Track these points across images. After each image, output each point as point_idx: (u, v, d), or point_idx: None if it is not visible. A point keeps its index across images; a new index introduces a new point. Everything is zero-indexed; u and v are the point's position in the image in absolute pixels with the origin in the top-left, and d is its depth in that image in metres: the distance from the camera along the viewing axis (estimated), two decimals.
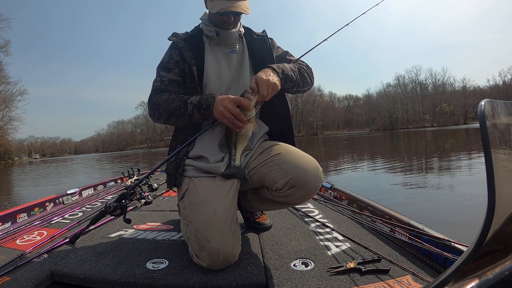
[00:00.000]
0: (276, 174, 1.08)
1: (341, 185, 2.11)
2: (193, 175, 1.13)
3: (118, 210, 1.24)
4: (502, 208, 0.29)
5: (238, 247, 1.05)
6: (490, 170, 0.28)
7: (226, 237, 0.99)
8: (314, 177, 1.07)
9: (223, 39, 1.20)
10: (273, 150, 1.16)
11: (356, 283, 0.90)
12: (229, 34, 1.20)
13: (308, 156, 1.13)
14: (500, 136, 0.32)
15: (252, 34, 1.29)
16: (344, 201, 1.85)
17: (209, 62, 1.20)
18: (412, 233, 1.14)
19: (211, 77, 1.19)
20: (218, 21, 1.17)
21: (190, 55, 1.18)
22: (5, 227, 1.62)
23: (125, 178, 3.09)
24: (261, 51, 1.25)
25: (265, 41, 1.28)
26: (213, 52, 1.22)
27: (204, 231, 1.00)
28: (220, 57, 1.21)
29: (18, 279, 0.98)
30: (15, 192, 7.96)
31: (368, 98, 75.00)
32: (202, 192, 1.07)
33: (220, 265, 0.99)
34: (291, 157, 1.10)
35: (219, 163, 1.13)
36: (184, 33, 1.26)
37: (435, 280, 0.30)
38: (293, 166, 1.07)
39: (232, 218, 1.05)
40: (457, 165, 6.12)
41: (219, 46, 1.22)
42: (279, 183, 1.07)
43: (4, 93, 35.10)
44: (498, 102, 0.34)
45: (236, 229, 1.06)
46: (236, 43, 1.23)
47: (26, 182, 10.67)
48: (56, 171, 15.50)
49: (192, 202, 1.07)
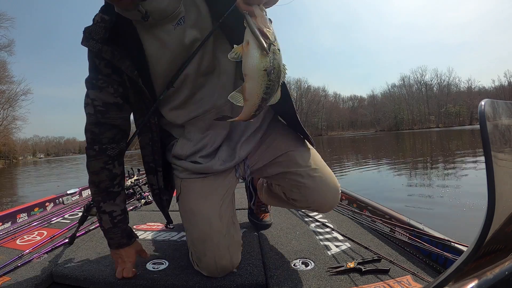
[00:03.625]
0: (296, 196, 1.03)
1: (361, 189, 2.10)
2: (183, 177, 1.01)
3: (93, 209, 1.22)
4: (502, 208, 0.29)
5: (237, 256, 1.00)
6: (490, 171, 0.28)
7: (222, 249, 0.95)
8: (333, 204, 1.05)
9: (158, 16, 0.79)
10: (293, 158, 1.00)
11: (356, 283, 0.90)
12: (162, 3, 0.78)
13: (330, 177, 1.01)
14: (500, 136, 0.32)
15: None
16: (344, 201, 1.85)
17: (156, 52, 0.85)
18: (412, 233, 1.14)
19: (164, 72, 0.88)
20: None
21: (128, 64, 0.83)
22: (5, 227, 1.62)
23: (125, 178, 3.09)
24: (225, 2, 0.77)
25: None
26: (154, 35, 0.83)
27: (199, 244, 0.96)
28: (165, 38, 0.83)
29: (18, 279, 0.98)
30: (19, 193, 7.97)
31: (373, 99, 75.14)
32: (194, 200, 0.98)
33: (220, 274, 0.98)
34: (312, 183, 0.98)
35: (212, 160, 0.97)
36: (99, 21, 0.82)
37: (435, 280, 0.30)
38: (314, 195, 0.99)
39: (228, 226, 0.98)
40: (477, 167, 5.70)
41: (159, 26, 0.82)
42: (297, 204, 1.07)
43: (8, 93, 35.24)
44: (499, 103, 0.34)
45: (234, 235, 1.00)
46: (177, 6, 0.80)
47: (30, 181, 10.66)
48: (61, 172, 15.49)
49: (185, 210, 1.00)
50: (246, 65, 0.66)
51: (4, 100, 34.36)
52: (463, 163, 6.42)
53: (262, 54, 0.64)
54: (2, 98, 34.17)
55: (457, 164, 6.32)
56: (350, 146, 18.25)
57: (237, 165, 1.03)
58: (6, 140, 36.14)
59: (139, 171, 3.30)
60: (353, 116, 76.10)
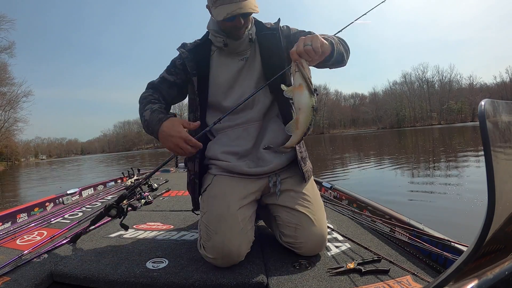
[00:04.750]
0: (288, 232, 1.09)
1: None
2: (215, 173, 1.16)
3: (113, 211, 1.25)
4: (502, 208, 0.29)
5: (245, 246, 1.04)
6: (490, 170, 0.28)
7: (234, 232, 1.01)
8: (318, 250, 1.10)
9: (232, 49, 1.16)
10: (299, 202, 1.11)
11: (356, 283, 0.90)
12: (237, 44, 1.15)
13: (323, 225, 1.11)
14: (500, 136, 0.32)
15: (263, 30, 1.20)
16: (344, 201, 1.85)
17: (215, 72, 1.17)
18: (412, 233, 1.14)
19: (219, 88, 1.17)
20: (228, 27, 1.10)
21: (191, 65, 1.16)
22: (5, 227, 1.62)
23: (125, 178, 3.09)
24: (270, 48, 1.17)
25: (274, 35, 1.17)
26: (222, 62, 1.18)
27: (214, 222, 1.03)
28: (230, 65, 1.18)
29: (18, 279, 0.98)
30: (21, 193, 7.97)
31: (374, 97, 74.98)
32: (221, 187, 1.11)
33: (223, 261, 0.99)
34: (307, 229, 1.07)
35: (240, 162, 1.13)
36: (193, 42, 1.23)
37: (435, 280, 0.30)
38: (306, 239, 1.06)
39: (245, 220, 1.05)
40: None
41: (230, 54, 1.18)
42: (285, 240, 1.11)
43: (9, 94, 35.25)
44: (499, 102, 0.34)
45: (248, 229, 1.06)
46: (247, 49, 1.18)
47: (31, 185, 10.65)
48: (61, 173, 15.47)
49: (210, 195, 1.11)
50: (300, 102, 0.92)
51: (5, 102, 34.41)
52: (465, 161, 6.42)
53: (311, 95, 0.91)
54: (3, 100, 34.22)
55: (459, 163, 6.32)
56: (352, 144, 18.25)
57: (271, 176, 1.15)
58: (7, 142, 36.22)
59: (139, 171, 3.30)
60: (355, 114, 75.96)
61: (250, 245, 1.07)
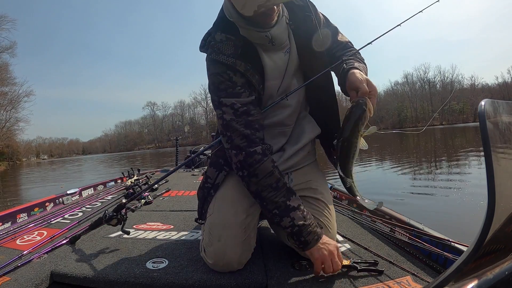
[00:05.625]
0: None
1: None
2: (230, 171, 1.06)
3: (114, 220, 1.25)
4: (502, 208, 0.29)
5: (246, 255, 1.01)
6: (490, 170, 0.28)
7: (237, 241, 0.98)
8: None
9: (278, 43, 0.99)
10: (317, 209, 1.08)
11: (356, 284, 0.90)
12: (280, 34, 0.98)
13: (335, 230, 1.11)
14: (500, 136, 0.32)
15: (294, 11, 1.03)
16: (344, 201, 1.85)
17: (270, 72, 1.02)
18: (412, 233, 1.14)
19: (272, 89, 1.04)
20: (258, 19, 0.92)
21: (258, 80, 0.98)
22: (5, 227, 1.62)
23: (125, 178, 3.09)
24: (307, 36, 1.02)
25: (309, 17, 1.02)
26: (270, 57, 1.01)
27: (219, 228, 0.99)
28: (279, 63, 1.03)
29: (18, 279, 0.98)
30: (22, 194, 7.97)
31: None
32: (232, 191, 1.03)
33: (222, 268, 0.98)
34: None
35: None
36: (224, 40, 0.96)
37: (435, 280, 0.30)
38: None
39: (249, 225, 1.02)
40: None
41: (274, 50, 1.01)
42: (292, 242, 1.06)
43: (11, 94, 35.33)
44: (500, 102, 0.34)
45: (250, 237, 1.03)
46: (286, 38, 1.02)
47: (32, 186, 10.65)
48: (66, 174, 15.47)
49: (220, 197, 1.05)
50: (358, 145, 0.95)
51: (6, 102, 34.49)
52: (467, 161, 6.42)
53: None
54: (5, 100, 34.30)
55: (461, 164, 6.32)
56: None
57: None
58: (9, 142, 36.22)
59: (139, 171, 3.30)
60: None
61: (251, 252, 1.04)
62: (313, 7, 1.06)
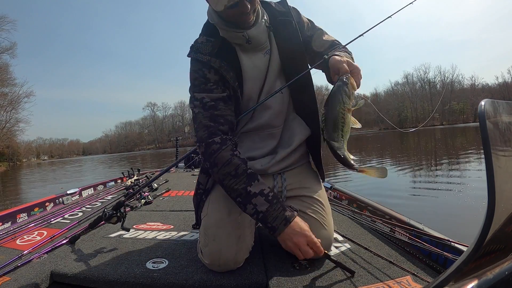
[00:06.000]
0: None
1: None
2: None
3: (114, 218, 1.26)
4: (502, 208, 0.29)
5: (243, 253, 1.00)
6: (490, 170, 0.28)
7: (232, 240, 0.98)
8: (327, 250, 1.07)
9: (255, 43, 1.03)
10: (310, 207, 1.09)
11: (356, 284, 0.90)
12: (258, 35, 1.02)
13: (331, 227, 1.10)
14: (500, 136, 0.32)
15: (275, 15, 1.08)
16: (344, 201, 1.85)
17: (249, 72, 1.05)
18: (412, 233, 1.14)
19: (252, 90, 1.06)
20: (233, 16, 0.96)
21: (232, 76, 1.01)
22: (5, 227, 1.63)
23: (125, 178, 3.09)
24: (288, 39, 1.06)
25: (289, 22, 1.07)
26: (249, 58, 1.05)
27: (213, 228, 1.00)
28: (258, 64, 1.06)
29: (18, 279, 0.98)
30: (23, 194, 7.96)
31: (376, 97, 74.89)
32: (223, 190, 1.03)
33: (219, 268, 0.98)
34: (317, 233, 0.99)
35: (254, 162, 1.08)
36: (204, 41, 1.03)
37: (435, 280, 0.30)
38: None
39: (244, 224, 1.01)
40: None
41: (253, 50, 1.05)
42: None
43: (11, 95, 35.32)
44: (500, 102, 0.34)
45: (246, 235, 1.02)
46: (267, 40, 1.06)
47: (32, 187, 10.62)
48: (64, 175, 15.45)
49: (213, 199, 1.07)
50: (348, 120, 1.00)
51: (6, 102, 34.50)
52: (468, 162, 6.42)
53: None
54: (5, 101, 34.29)
55: (461, 164, 6.32)
56: (354, 144, 18.22)
57: (276, 178, 1.12)
58: (9, 143, 36.24)
59: (139, 171, 3.30)
60: (356, 114, 75.35)
61: (249, 250, 1.04)
62: (295, 13, 1.12)
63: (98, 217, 1.31)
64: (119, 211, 1.27)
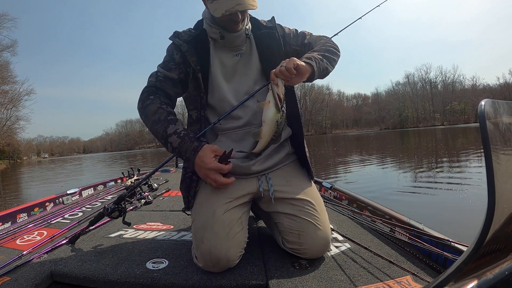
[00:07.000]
0: (292, 239, 1.07)
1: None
2: None
3: (116, 213, 1.26)
4: (502, 208, 0.29)
5: (234, 251, 1.00)
6: (490, 170, 0.28)
7: (220, 238, 0.98)
8: (323, 253, 1.09)
9: (228, 42, 1.13)
10: (301, 209, 1.08)
11: (356, 283, 0.90)
12: (234, 37, 1.12)
13: (327, 227, 1.09)
14: (500, 136, 0.32)
15: (260, 28, 1.19)
16: (344, 201, 1.85)
17: (215, 66, 1.13)
18: (412, 233, 1.14)
19: (217, 83, 1.13)
20: (224, 22, 1.08)
21: (194, 60, 1.10)
22: (5, 227, 1.62)
23: (125, 178, 3.09)
24: (270, 46, 1.16)
25: (273, 34, 1.17)
26: (218, 55, 1.14)
27: (200, 231, 1.02)
28: (225, 60, 1.14)
29: (18, 279, 0.98)
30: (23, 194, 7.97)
31: (377, 97, 74.70)
32: (207, 193, 1.09)
33: (214, 268, 0.98)
34: (312, 234, 1.05)
35: (235, 159, 1.08)
36: (187, 31, 1.17)
37: (435, 280, 0.30)
38: (311, 244, 1.05)
39: (232, 221, 1.02)
40: None
41: (225, 48, 1.15)
42: (289, 246, 1.08)
43: (11, 93, 35.18)
44: (500, 102, 0.34)
45: (236, 232, 1.02)
46: (242, 44, 1.16)
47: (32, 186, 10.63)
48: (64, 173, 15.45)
49: (197, 202, 1.11)
50: (265, 115, 1.01)
51: (7, 100, 34.40)
52: (468, 162, 6.42)
53: (277, 111, 1.00)
54: (5, 99, 34.22)
55: (462, 164, 6.32)
56: (355, 144, 18.23)
57: (260, 178, 1.12)
58: (10, 140, 36.13)
59: (139, 171, 3.30)
60: (357, 114, 75.61)
61: (242, 247, 1.04)
62: (280, 28, 1.23)
63: (100, 214, 1.31)
64: (120, 205, 1.27)
